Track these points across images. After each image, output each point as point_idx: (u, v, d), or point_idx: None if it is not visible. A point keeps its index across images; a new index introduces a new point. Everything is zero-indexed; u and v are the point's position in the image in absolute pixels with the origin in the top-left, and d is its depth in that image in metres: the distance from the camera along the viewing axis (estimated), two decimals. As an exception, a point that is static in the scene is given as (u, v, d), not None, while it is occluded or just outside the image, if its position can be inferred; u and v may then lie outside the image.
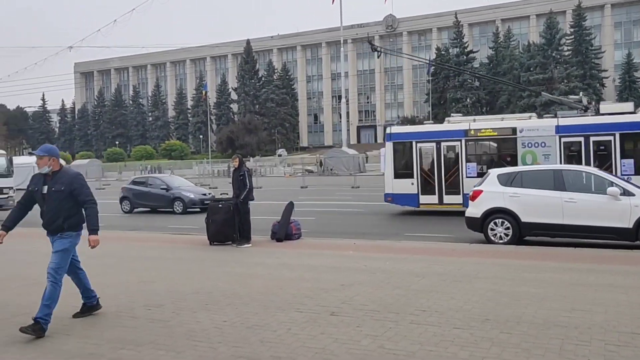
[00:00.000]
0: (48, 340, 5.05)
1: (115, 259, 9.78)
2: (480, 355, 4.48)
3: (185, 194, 20.23)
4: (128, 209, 21.24)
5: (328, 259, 9.36)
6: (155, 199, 20.85)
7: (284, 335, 5.09)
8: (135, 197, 21.33)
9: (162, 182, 21.29)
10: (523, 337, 4.93)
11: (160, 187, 20.94)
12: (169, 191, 20.56)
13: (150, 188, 21.20)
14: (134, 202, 21.25)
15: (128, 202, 21.40)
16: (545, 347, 4.64)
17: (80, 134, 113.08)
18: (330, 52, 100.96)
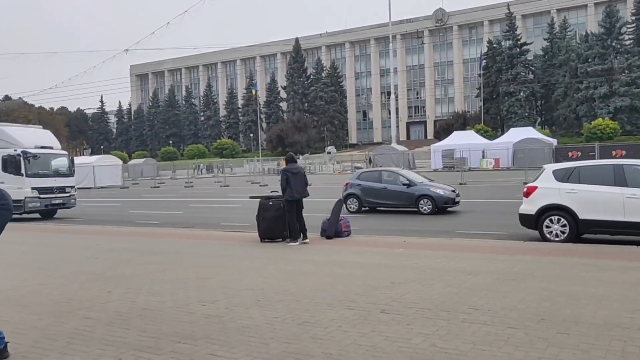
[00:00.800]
0: (108, 333, 5.26)
1: (171, 256, 10.08)
2: (536, 356, 4.37)
3: (434, 191, 17.00)
4: (355, 207, 18.00)
5: (378, 256, 9.33)
6: (394, 196, 17.54)
7: (334, 332, 5.12)
8: (365, 194, 17.95)
9: (401, 177, 17.90)
10: (581, 337, 4.77)
11: (399, 183, 17.62)
12: (411, 187, 17.28)
13: (387, 184, 17.85)
14: (363, 199, 17.95)
15: (356, 200, 18.11)
16: (606, 349, 4.48)
17: (136, 134, 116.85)
18: (379, 48, 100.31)
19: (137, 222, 17.62)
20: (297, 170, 11.31)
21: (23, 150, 19.32)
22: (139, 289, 7.22)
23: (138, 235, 13.82)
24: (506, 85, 77.52)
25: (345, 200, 17.77)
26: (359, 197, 18.06)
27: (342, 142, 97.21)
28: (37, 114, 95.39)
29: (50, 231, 15.62)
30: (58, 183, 20.43)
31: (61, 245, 12.21)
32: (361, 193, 18.07)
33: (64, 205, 20.91)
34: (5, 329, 5.49)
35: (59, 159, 21.15)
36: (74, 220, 19.36)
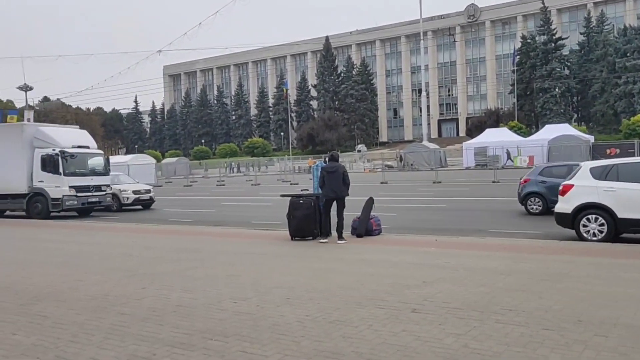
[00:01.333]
0: (143, 329, 5.36)
1: (203, 253, 10.21)
2: (573, 358, 4.27)
3: None
4: (539, 208, 15.41)
5: (409, 255, 9.26)
6: None
7: (365, 331, 5.10)
8: (553, 193, 13.77)
9: None
10: (620, 340, 4.64)
11: None
12: None
13: None
14: (550, 199, 14.64)
15: (539, 200, 15.49)
16: (645, 352, 4.35)
17: (169, 133, 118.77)
18: (410, 45, 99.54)
19: (170, 220, 17.91)
20: (334, 169, 11.18)
21: (61, 150, 19.84)
22: (173, 285, 7.33)
23: (171, 233, 14.04)
24: (541, 81, 75.99)
25: (525, 200, 15.72)
26: (544, 197, 15.29)
27: (372, 140, 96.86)
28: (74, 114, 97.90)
29: (87, 229, 16.01)
30: (94, 182, 20.91)
31: (97, 243, 12.50)
32: (547, 191, 15.14)
33: (100, 204, 21.39)
34: (45, 324, 5.66)
35: (95, 158, 21.64)
36: (109, 218, 19.79)
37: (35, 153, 20.06)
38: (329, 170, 11.16)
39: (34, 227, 16.74)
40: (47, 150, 19.94)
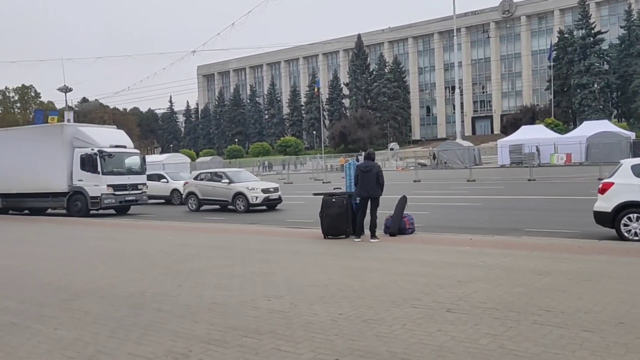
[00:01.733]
0: (179, 326, 5.46)
1: (237, 251, 10.32)
2: (613, 361, 4.16)
3: None
4: None
5: (443, 254, 9.17)
6: None
7: (399, 330, 5.08)
8: None
9: None
10: (663, 343, 4.50)
11: None
12: None
13: None
14: None
15: None
16: (691, 356, 4.20)
17: (204, 132, 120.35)
18: (443, 42, 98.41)
19: (205, 218, 18.15)
20: (368, 168, 11.07)
21: (99, 150, 20.32)
22: (207, 283, 7.44)
23: (205, 230, 14.23)
24: (578, 77, 74.11)
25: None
26: None
27: (405, 138, 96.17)
28: (111, 114, 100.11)
29: (124, 226, 16.37)
30: (131, 180, 21.35)
31: (134, 240, 12.77)
32: None
33: (137, 202, 21.83)
34: (86, 320, 5.81)
35: (132, 157, 22.09)
36: (146, 216, 20.18)
37: (75, 153, 20.60)
38: (363, 169, 11.08)
39: (74, 225, 17.20)
40: (86, 149, 20.46)
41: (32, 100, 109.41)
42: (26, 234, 15.19)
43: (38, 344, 5.05)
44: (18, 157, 21.78)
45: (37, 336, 5.29)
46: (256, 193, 19.84)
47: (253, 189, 19.97)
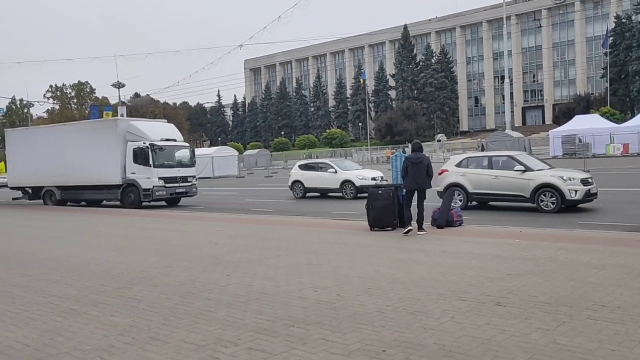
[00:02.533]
0: (228, 315, 5.57)
1: (285, 242, 10.43)
2: (674, 359, 3.99)
3: None
4: None
5: (492, 247, 8.99)
6: None
7: (447, 323, 5.03)
8: None
9: None
10: None
11: None
12: None
13: None
14: None
15: None
16: None
17: (251, 125, 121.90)
18: (492, 31, 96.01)
19: (253, 210, 18.41)
20: (419, 160, 10.86)
21: (151, 143, 20.90)
22: (255, 273, 7.56)
23: (253, 222, 14.44)
24: (637, 64, 70.86)
25: None
26: None
27: (452, 129, 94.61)
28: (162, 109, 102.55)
29: (175, 218, 16.80)
30: (181, 173, 21.89)
31: (185, 231, 13.09)
32: None
33: (187, 194, 22.36)
34: (139, 307, 6.02)
35: (182, 150, 22.63)
36: (195, 208, 20.64)
37: (128, 146, 21.26)
38: (413, 160, 10.89)
39: (127, 216, 17.78)
40: (138, 143, 21.07)
41: (87, 96, 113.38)
42: (83, 225, 15.81)
43: (95, 329, 5.27)
44: (75, 150, 22.66)
45: (94, 322, 5.52)
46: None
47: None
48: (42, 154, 23.99)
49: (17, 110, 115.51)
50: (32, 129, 30.43)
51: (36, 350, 4.73)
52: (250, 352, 4.48)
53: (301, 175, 22.98)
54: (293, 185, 23.15)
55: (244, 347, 4.59)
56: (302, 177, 22.83)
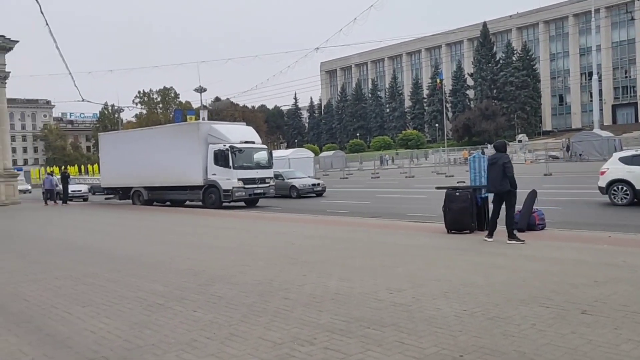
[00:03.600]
0: (304, 314, 5.66)
1: (360, 244, 10.46)
2: None
3: None
4: None
5: (577, 252, 8.57)
6: None
7: (528, 330, 4.85)
8: None
9: None
10: None
11: None
12: None
13: None
14: None
15: None
16: None
17: (326, 127, 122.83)
18: (579, 25, 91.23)
19: (328, 211, 18.56)
20: (494, 160, 10.29)
21: (230, 145, 21.60)
22: (331, 274, 7.63)
23: (329, 223, 14.56)
24: None
25: None
26: None
27: (534, 129, 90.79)
28: (241, 112, 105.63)
29: (254, 218, 17.25)
30: (259, 174, 22.47)
31: (262, 231, 13.42)
32: None
33: (264, 195, 22.91)
34: (220, 304, 6.25)
35: (260, 152, 23.21)
36: (272, 209, 21.09)
37: (209, 148, 22.08)
38: (490, 161, 10.47)
39: (209, 216, 18.46)
40: (219, 145, 21.84)
41: (172, 101, 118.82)
42: (167, 224, 16.59)
43: (179, 323, 5.52)
44: (160, 152, 23.83)
45: (178, 317, 5.78)
46: None
47: None
48: (131, 156, 25.41)
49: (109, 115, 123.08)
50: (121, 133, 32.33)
51: (126, 341, 5.03)
52: (326, 351, 4.53)
53: (628, 172, 15.57)
54: None
55: (319, 347, 4.65)
56: (629, 175, 15.46)
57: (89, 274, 8.41)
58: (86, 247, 11.93)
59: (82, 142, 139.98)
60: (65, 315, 6.06)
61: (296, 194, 26.44)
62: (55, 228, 17.08)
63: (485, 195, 11.54)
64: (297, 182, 27.18)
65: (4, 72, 31.93)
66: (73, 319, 5.90)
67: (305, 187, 26.96)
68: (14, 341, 5.19)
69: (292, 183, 27.02)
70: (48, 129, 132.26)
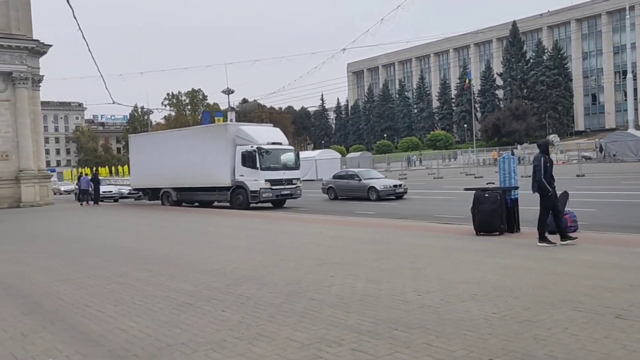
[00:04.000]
0: (332, 315, 5.66)
1: (387, 245, 10.41)
2: None
3: None
4: None
5: (610, 255, 8.37)
6: None
7: (560, 334, 4.76)
8: None
9: None
10: None
11: None
12: None
13: None
14: None
15: None
16: None
17: (353, 128, 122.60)
18: (612, 23, 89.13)
19: (355, 213, 18.53)
20: (534, 162, 10.05)
21: (258, 147, 21.74)
22: (358, 275, 7.61)
23: (355, 224, 14.54)
24: None
25: None
26: None
27: (566, 129, 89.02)
28: (268, 113, 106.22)
29: (280, 219, 17.33)
30: (286, 175, 22.55)
31: (290, 232, 13.48)
32: None
33: (291, 196, 22.99)
34: (248, 304, 6.30)
35: (287, 153, 23.31)
36: (300, 210, 21.15)
37: (237, 150, 22.27)
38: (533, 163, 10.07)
39: (237, 217, 18.62)
40: (246, 147, 22.01)
41: (200, 103, 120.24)
42: (196, 224, 16.79)
43: (208, 323, 5.59)
44: (189, 154, 24.14)
45: (207, 316, 5.85)
46: None
47: None
48: (160, 157, 25.81)
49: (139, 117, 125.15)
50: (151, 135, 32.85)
51: (156, 340, 5.11)
52: (353, 353, 4.53)
53: None
54: None
55: (347, 348, 4.65)
56: None
57: (120, 274, 8.58)
58: (117, 247, 12.17)
59: (113, 143, 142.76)
60: (97, 313, 6.20)
61: (376, 196, 23.58)
62: (87, 228, 17.46)
63: (515, 196, 11.40)
64: (377, 183, 24.27)
65: (38, 76, 32.77)
66: (105, 317, 6.02)
67: (387, 188, 23.92)
68: (49, 338, 5.33)
69: (371, 184, 24.21)
70: (80, 131, 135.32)
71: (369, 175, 25.99)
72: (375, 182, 24.49)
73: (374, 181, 24.62)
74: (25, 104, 30.92)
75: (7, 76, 30.66)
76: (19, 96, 30.73)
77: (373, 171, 28.89)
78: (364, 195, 24.00)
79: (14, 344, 5.20)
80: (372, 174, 26.53)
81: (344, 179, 26.01)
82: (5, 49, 30.33)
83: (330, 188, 26.17)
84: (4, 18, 30.52)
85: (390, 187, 24.11)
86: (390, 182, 25.18)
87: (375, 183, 24.30)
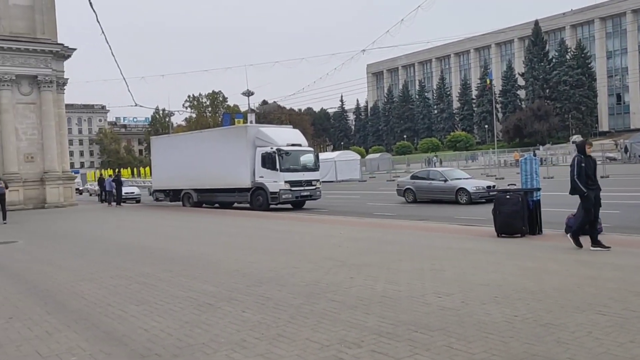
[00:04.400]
0: (352, 316, 5.66)
1: (407, 246, 10.37)
2: None
3: None
4: None
5: (636, 257, 8.22)
6: None
7: (583, 338, 4.69)
8: None
9: None
10: None
11: None
12: None
13: None
14: None
15: None
16: None
17: (373, 129, 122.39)
18: (637, 21, 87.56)
19: (375, 214, 18.48)
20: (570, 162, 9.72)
21: (277, 148, 21.82)
22: (378, 276, 7.59)
23: (375, 225, 14.50)
24: None
25: None
26: None
27: (590, 130, 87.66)
28: (288, 115, 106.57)
29: (300, 220, 17.37)
30: (306, 177, 22.59)
31: (310, 233, 13.49)
32: None
33: (311, 197, 23.01)
34: (268, 305, 6.32)
35: (307, 155, 23.35)
36: (319, 211, 21.16)
37: (257, 151, 22.38)
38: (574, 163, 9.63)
39: (256, 218, 18.71)
40: (266, 148, 22.11)
41: (220, 104, 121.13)
42: (216, 225, 16.92)
43: (229, 323, 5.62)
44: (209, 155, 24.33)
45: (228, 317, 5.89)
46: None
47: None
48: (181, 159, 26.06)
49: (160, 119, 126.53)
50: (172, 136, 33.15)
51: (178, 339, 5.16)
52: (373, 354, 4.52)
53: None
54: None
55: (367, 350, 4.64)
56: None
57: (142, 274, 8.68)
58: (139, 247, 12.31)
59: (135, 145, 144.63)
60: (120, 313, 6.28)
61: (467, 198, 20.66)
62: (110, 229, 17.70)
63: (537, 198, 11.27)
64: (469, 184, 21.37)
65: (62, 79, 33.34)
66: (127, 316, 6.10)
67: (480, 190, 20.78)
68: (73, 337, 5.42)
69: (461, 185, 21.28)
70: (103, 133, 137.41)
71: (455, 175, 23.21)
72: (464, 182, 21.65)
73: (462, 182, 21.73)
74: (50, 107, 31.45)
75: (33, 79, 31.24)
76: (44, 99, 31.28)
77: (458, 170, 26.33)
78: (452, 198, 21.20)
79: (40, 342, 5.30)
80: (458, 174, 23.77)
81: (425, 179, 22.98)
82: (30, 53, 30.91)
83: (407, 190, 23.22)
84: (29, 22, 31.10)
85: (483, 188, 20.87)
86: (483, 183, 22.54)
87: (465, 184, 21.41)
